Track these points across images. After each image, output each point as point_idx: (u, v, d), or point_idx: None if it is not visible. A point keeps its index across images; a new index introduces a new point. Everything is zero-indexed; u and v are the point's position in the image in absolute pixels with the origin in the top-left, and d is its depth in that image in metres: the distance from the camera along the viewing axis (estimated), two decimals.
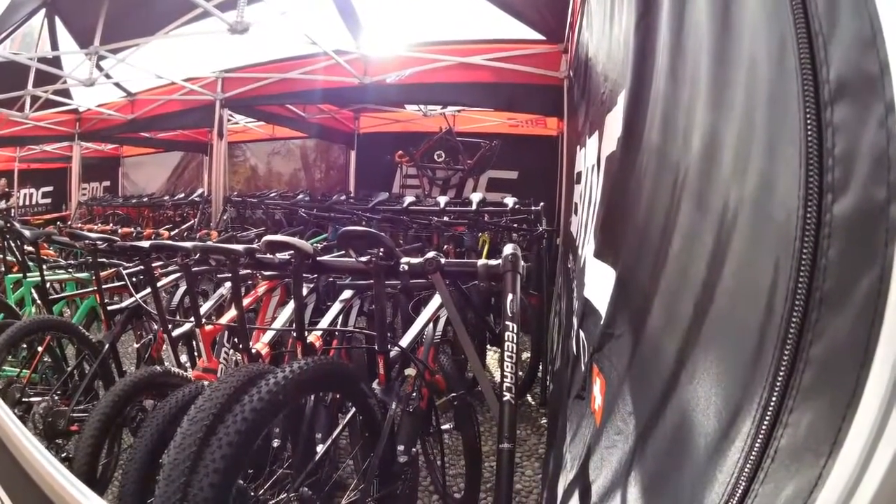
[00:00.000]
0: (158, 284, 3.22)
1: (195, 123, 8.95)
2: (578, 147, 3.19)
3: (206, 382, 1.98)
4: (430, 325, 2.16)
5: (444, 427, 2.26)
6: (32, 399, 2.89)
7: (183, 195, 10.09)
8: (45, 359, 3.20)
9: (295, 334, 1.97)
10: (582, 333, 1.68)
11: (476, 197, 4.38)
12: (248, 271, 2.68)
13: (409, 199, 4.90)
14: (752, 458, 0.47)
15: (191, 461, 1.32)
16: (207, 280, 3.78)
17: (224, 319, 2.62)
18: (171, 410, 1.83)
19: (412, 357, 1.91)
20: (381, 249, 1.66)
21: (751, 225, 0.52)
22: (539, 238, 4.21)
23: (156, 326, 3.11)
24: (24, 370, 3.12)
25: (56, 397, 2.78)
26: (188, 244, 2.24)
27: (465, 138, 8.72)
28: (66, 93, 8.25)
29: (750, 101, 0.55)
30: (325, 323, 2.33)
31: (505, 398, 1.20)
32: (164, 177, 13.50)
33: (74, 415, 2.69)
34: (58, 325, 3.02)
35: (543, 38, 5.31)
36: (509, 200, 4.60)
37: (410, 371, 1.92)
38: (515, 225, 4.41)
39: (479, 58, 5.63)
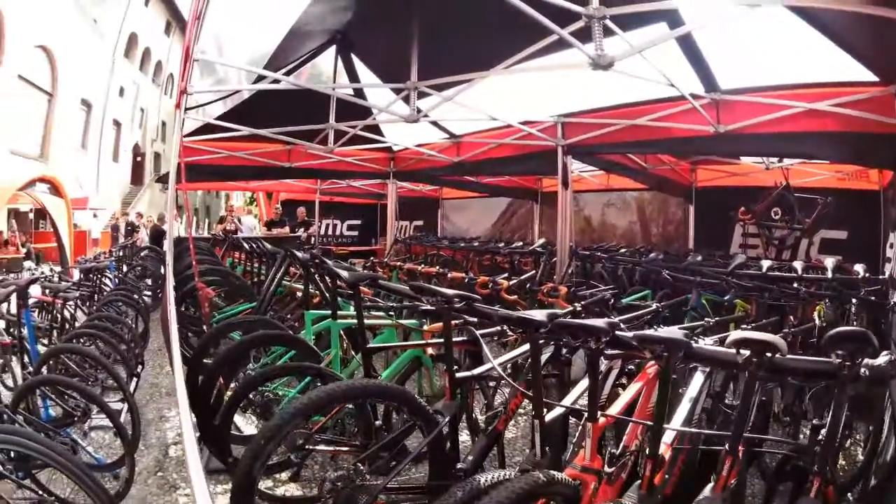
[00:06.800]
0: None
1: (530, 170, 8.74)
2: None
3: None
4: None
5: None
6: (318, 448, 2.64)
7: (521, 243, 9.74)
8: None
9: (728, 445, 1.69)
10: None
11: (830, 262, 4.08)
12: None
13: (766, 263, 4.61)
14: None
15: None
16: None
17: (613, 410, 2.25)
18: None
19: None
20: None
21: None
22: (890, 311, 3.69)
23: (506, 396, 2.77)
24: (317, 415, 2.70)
25: (360, 466, 2.32)
26: (602, 323, 1.84)
27: (801, 194, 7.93)
28: (375, 129, 7.85)
29: None
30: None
31: None
32: (489, 221, 13.52)
33: (384, 488, 2.28)
34: (390, 394, 2.50)
35: (877, 79, 4.62)
36: (829, 261, 4.16)
37: None
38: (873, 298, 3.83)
39: (825, 103, 4.97)
